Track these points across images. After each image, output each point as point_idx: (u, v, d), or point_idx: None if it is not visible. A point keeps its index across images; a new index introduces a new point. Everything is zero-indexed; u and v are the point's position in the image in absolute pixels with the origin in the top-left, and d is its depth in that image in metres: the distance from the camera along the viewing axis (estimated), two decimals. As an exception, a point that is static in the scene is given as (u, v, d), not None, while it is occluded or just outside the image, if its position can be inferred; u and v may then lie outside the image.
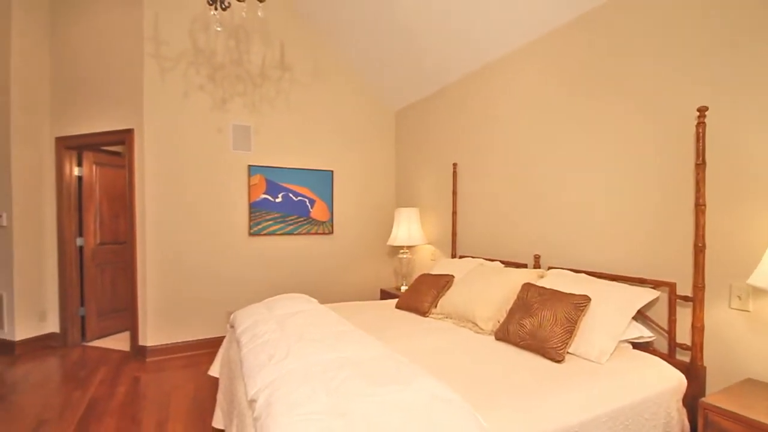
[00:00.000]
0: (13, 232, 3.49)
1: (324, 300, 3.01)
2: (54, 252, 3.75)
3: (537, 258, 2.69)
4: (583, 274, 2.26)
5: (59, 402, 2.64)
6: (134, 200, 3.41)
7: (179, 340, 3.50)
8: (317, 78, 4.01)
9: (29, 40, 3.59)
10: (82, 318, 3.84)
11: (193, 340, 3.54)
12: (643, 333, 1.93)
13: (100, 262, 3.94)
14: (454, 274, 2.87)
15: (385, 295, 3.85)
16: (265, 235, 3.78)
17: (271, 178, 3.79)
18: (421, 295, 2.75)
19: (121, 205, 4.06)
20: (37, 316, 3.67)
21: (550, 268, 2.55)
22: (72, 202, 3.76)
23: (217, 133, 3.59)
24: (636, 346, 1.95)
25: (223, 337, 3.51)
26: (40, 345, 3.68)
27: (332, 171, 4.11)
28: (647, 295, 1.92)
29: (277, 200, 3.81)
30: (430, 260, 3.89)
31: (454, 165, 3.52)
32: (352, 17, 3.58)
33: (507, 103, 2.96)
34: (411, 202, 4.22)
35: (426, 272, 3.18)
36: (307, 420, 1.19)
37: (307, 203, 3.96)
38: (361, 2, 3.37)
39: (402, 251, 3.87)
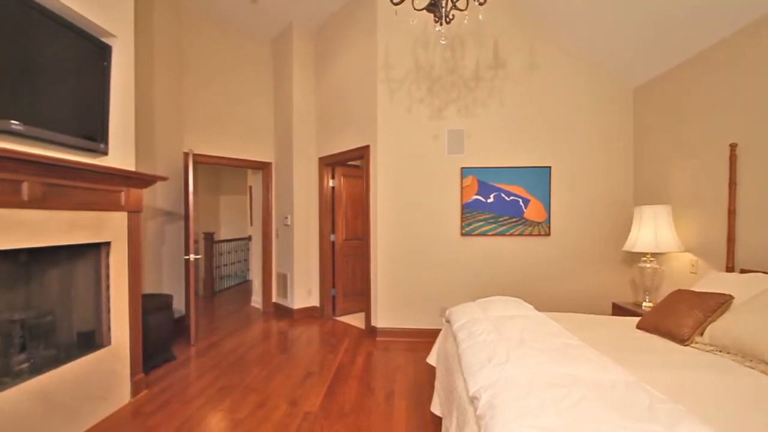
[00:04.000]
0: (293, 229, 4.75)
1: (539, 307, 2.75)
2: (316, 245, 4.88)
3: None
4: None
5: (319, 360, 3.38)
6: (369, 204, 4.06)
7: (401, 326, 3.93)
8: (533, 69, 3.75)
9: (302, 86, 4.82)
10: (333, 297, 4.84)
11: (412, 328, 3.91)
12: None
13: (345, 254, 4.88)
14: (733, 294, 2.10)
15: (618, 310, 3.21)
16: (476, 235, 3.81)
17: (483, 179, 3.78)
18: (677, 316, 2.14)
19: (360, 208, 4.92)
20: (306, 292, 4.86)
21: None
22: (327, 207, 4.81)
23: (434, 140, 3.86)
24: None
25: (437, 329, 3.74)
26: (307, 314, 4.84)
27: (550, 167, 3.74)
28: None
29: (489, 201, 3.77)
30: (690, 273, 3.00)
31: (732, 147, 2.60)
32: (574, -7, 3.18)
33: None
34: (657, 198, 3.38)
35: (683, 288, 2.46)
36: (537, 434, 1.08)
37: (521, 203, 3.74)
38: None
39: (645, 259, 3.14)
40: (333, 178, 4.84)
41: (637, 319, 2.47)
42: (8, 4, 1.84)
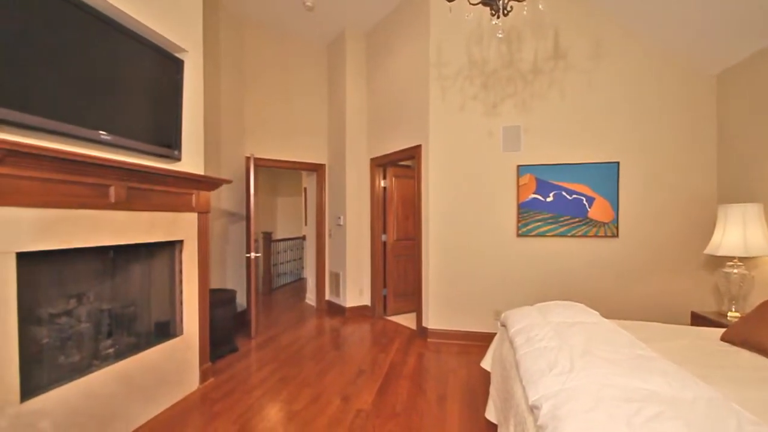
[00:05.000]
0: (346, 229, 4.85)
1: (605, 314, 2.55)
2: (367, 245, 4.95)
3: None
4: None
5: (370, 358, 3.42)
6: (420, 204, 4.03)
7: (453, 328, 3.86)
8: (598, 58, 3.49)
9: (354, 89, 4.91)
10: (384, 297, 4.87)
11: (464, 331, 3.82)
12: None
13: (396, 254, 4.89)
14: None
15: (698, 320, 2.89)
16: (534, 236, 3.63)
17: (541, 176, 3.59)
18: (775, 330, 1.88)
19: (411, 208, 4.91)
20: (358, 291, 4.94)
21: None
22: (379, 207, 4.85)
23: (488, 137, 3.74)
24: None
25: (491, 333, 3.63)
26: (359, 313, 4.92)
27: (618, 162, 3.46)
28: None
29: (548, 200, 3.57)
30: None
31: None
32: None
33: None
34: (746, 196, 3.00)
35: (781, 299, 2.16)
36: (608, 450, 1.00)
37: (584, 202, 3.50)
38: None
39: (731, 264, 2.80)
40: (384, 178, 4.87)
41: (721, 330, 2.21)
42: (95, 26, 2.07)
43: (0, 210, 1.56)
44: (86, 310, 2.25)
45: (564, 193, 3.54)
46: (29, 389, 1.73)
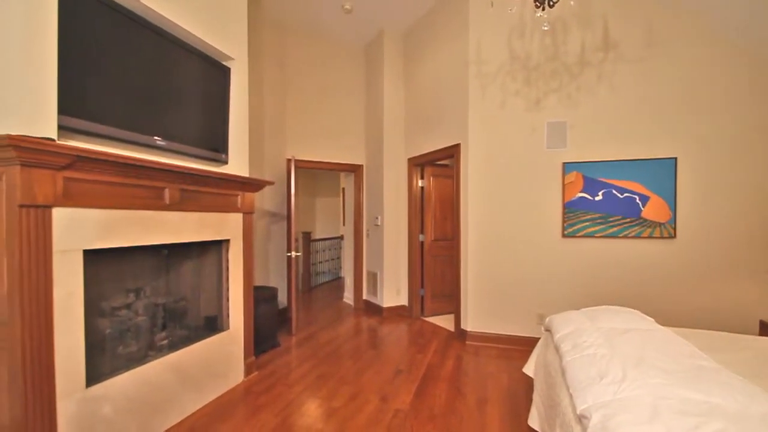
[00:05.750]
0: (383, 229, 4.86)
1: (660, 321, 2.37)
2: (405, 245, 4.93)
3: None
4: None
5: (408, 359, 3.41)
6: (459, 204, 3.96)
7: (493, 331, 3.75)
8: (652, 47, 3.26)
9: (392, 89, 4.92)
10: (422, 297, 4.84)
11: (504, 334, 3.70)
12: None
13: (434, 255, 4.85)
14: None
15: (770, 332, 2.63)
16: (581, 237, 3.45)
17: (589, 174, 3.41)
18: None
19: (449, 208, 4.84)
20: (395, 291, 4.94)
21: None
22: (417, 207, 4.82)
23: (530, 134, 3.60)
24: None
25: (533, 337, 3.50)
26: (396, 313, 4.92)
27: (675, 158, 3.21)
28: None
29: (597, 198, 3.38)
30: None
31: None
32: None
33: None
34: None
35: None
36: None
37: (637, 200, 3.28)
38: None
39: (809, 272, 2.51)
40: (422, 178, 4.84)
41: (801, 343, 1.99)
42: (152, 40, 2.22)
43: (69, 210, 1.71)
44: (143, 303, 2.41)
45: (614, 192, 3.34)
46: (93, 376, 1.88)
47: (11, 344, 1.54)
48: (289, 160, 4.24)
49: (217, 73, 2.72)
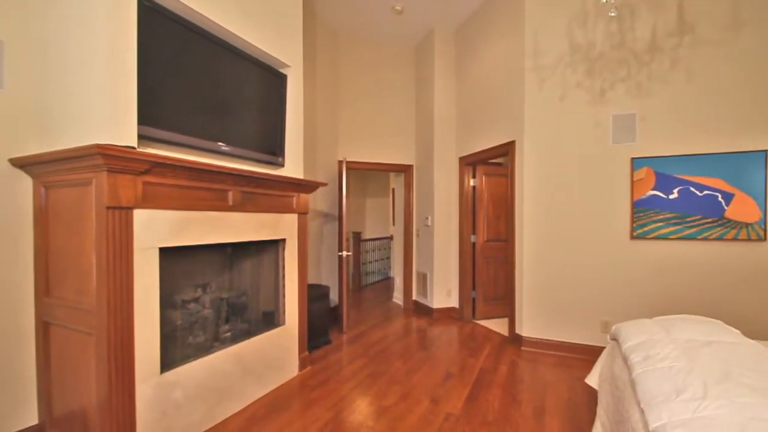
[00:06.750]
0: (434, 230, 4.81)
1: (747, 333, 2.10)
2: (456, 246, 4.84)
3: None
4: None
5: (459, 362, 3.33)
6: (514, 203, 3.81)
7: (550, 338, 3.56)
8: (737, 28, 2.90)
9: (443, 88, 4.84)
10: (473, 300, 4.72)
11: (563, 341, 3.50)
12: None
13: (486, 256, 4.70)
14: None
15: None
16: (652, 239, 3.16)
17: (662, 170, 3.11)
18: None
19: (503, 208, 4.67)
20: (445, 293, 4.87)
21: None
22: (468, 207, 4.71)
23: (593, 129, 3.37)
24: None
25: (596, 346, 3.27)
26: (446, 314, 4.84)
27: (766, 151, 2.83)
28: None
29: (671, 196, 3.08)
30: None
31: None
32: None
33: None
34: None
35: None
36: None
37: (720, 199, 2.93)
38: None
39: None
40: (474, 177, 4.72)
41: None
42: (217, 51, 2.37)
43: (147, 212, 1.88)
44: (209, 298, 2.59)
45: (692, 189, 3.01)
46: (166, 363, 2.05)
47: (99, 331, 1.72)
48: (340, 162, 4.34)
49: (274, 80, 2.86)
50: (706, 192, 2.97)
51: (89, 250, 1.74)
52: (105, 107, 1.72)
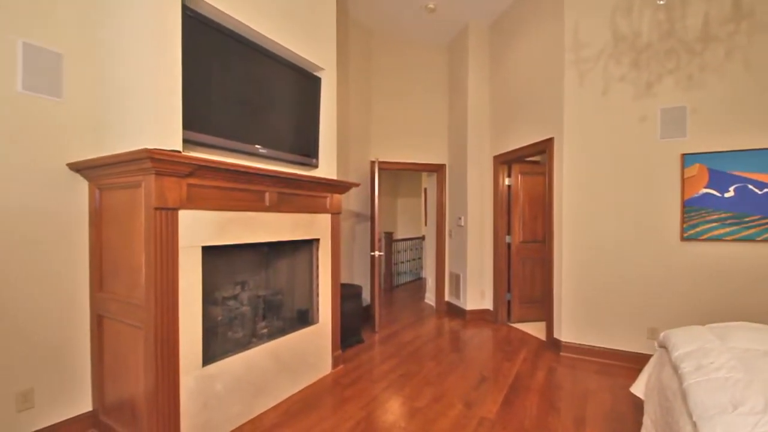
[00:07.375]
0: (467, 230, 4.73)
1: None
2: (490, 246, 4.74)
3: None
4: None
5: (493, 366, 3.26)
6: (552, 203, 3.68)
7: (591, 344, 3.40)
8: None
9: (476, 85, 4.75)
10: (508, 302, 4.60)
11: (605, 348, 3.33)
12: None
13: (522, 257, 4.57)
14: None
15: None
16: (705, 240, 2.94)
17: (716, 166, 2.89)
18: None
19: (540, 207, 4.52)
20: (479, 294, 4.77)
21: None
22: (503, 207, 4.60)
23: (640, 124, 3.18)
24: None
25: (642, 354, 3.10)
26: (480, 317, 4.74)
27: (839, 146, 2.58)
28: None
29: (727, 195, 2.85)
30: None
31: None
32: None
33: None
34: None
35: None
36: None
37: (783, 197, 2.69)
38: None
39: None
40: (509, 176, 4.60)
41: None
42: (256, 57, 2.45)
43: (191, 212, 1.97)
44: (247, 295, 2.69)
45: (751, 186, 2.78)
46: (207, 357, 2.14)
47: (147, 325, 1.83)
48: (372, 162, 4.37)
49: (309, 83, 2.92)
50: (766, 190, 2.73)
51: (138, 249, 1.85)
52: (153, 113, 1.83)
